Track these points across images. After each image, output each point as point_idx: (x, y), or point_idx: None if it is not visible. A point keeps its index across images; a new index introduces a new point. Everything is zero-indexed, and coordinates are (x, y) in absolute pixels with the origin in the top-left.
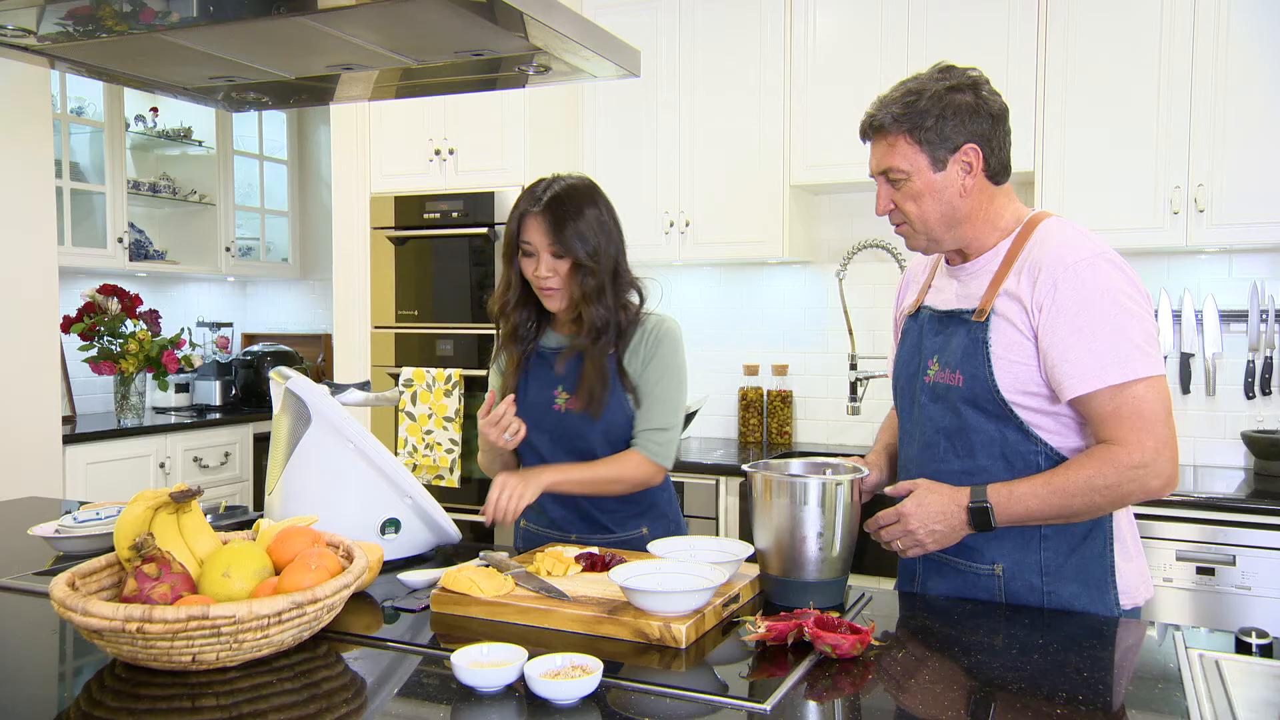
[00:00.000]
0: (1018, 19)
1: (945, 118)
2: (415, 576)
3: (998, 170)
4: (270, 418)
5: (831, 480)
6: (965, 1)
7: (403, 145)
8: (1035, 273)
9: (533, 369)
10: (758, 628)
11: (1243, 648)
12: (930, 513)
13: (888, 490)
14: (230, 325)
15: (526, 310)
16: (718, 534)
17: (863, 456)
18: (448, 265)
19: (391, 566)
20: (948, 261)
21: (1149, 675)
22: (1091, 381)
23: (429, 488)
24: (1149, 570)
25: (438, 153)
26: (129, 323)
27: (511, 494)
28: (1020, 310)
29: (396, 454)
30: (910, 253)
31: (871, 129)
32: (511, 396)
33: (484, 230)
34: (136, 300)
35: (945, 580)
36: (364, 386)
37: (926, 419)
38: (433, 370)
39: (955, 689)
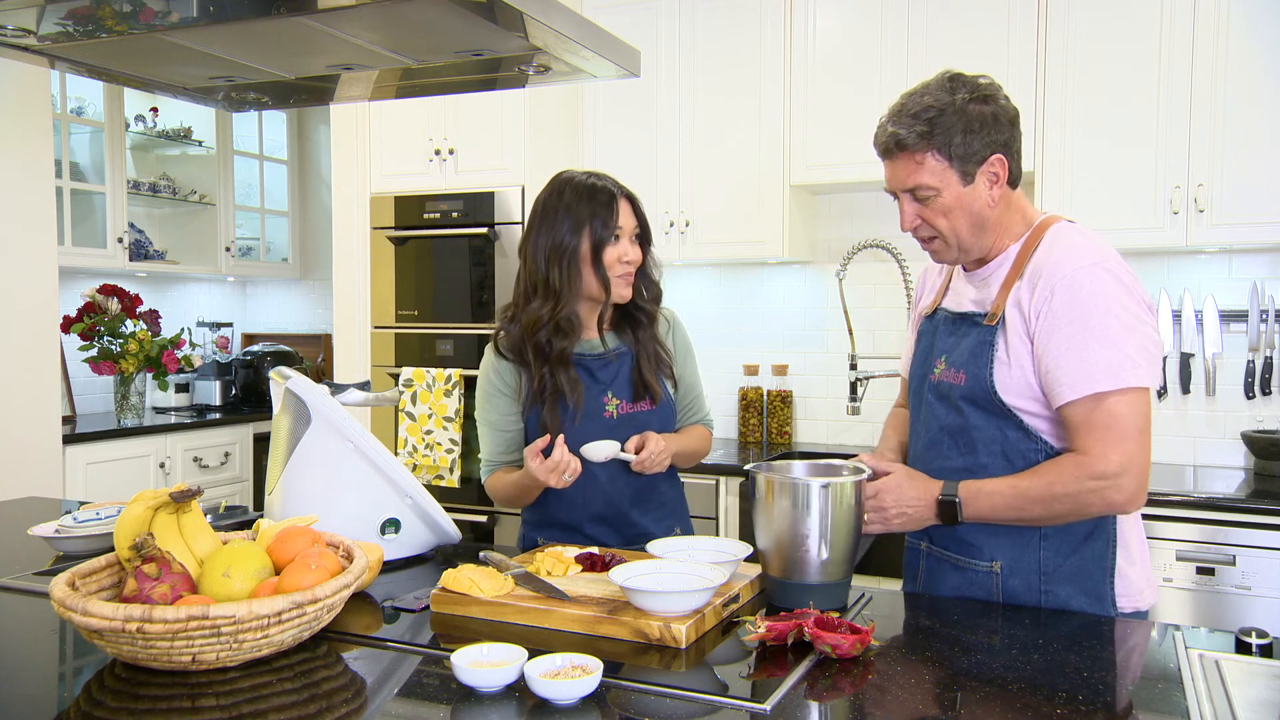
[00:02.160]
0: (1018, 19)
1: (972, 131)
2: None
3: (1016, 176)
4: (270, 418)
5: (835, 483)
6: (966, 2)
7: (403, 145)
8: (1036, 279)
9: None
10: (758, 628)
11: (1243, 648)
12: (905, 496)
13: (866, 460)
14: (230, 325)
15: (575, 319)
16: (718, 534)
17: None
18: (448, 265)
19: (392, 566)
20: (964, 266)
21: (1149, 675)
22: (1079, 388)
23: (429, 488)
24: (1153, 575)
25: (438, 153)
26: (129, 323)
27: (662, 452)
28: (1021, 316)
29: (396, 454)
30: (913, 256)
31: (897, 146)
32: (562, 437)
33: (484, 230)
34: (136, 300)
35: (945, 576)
36: (364, 386)
37: (932, 416)
38: (433, 370)
39: (955, 689)
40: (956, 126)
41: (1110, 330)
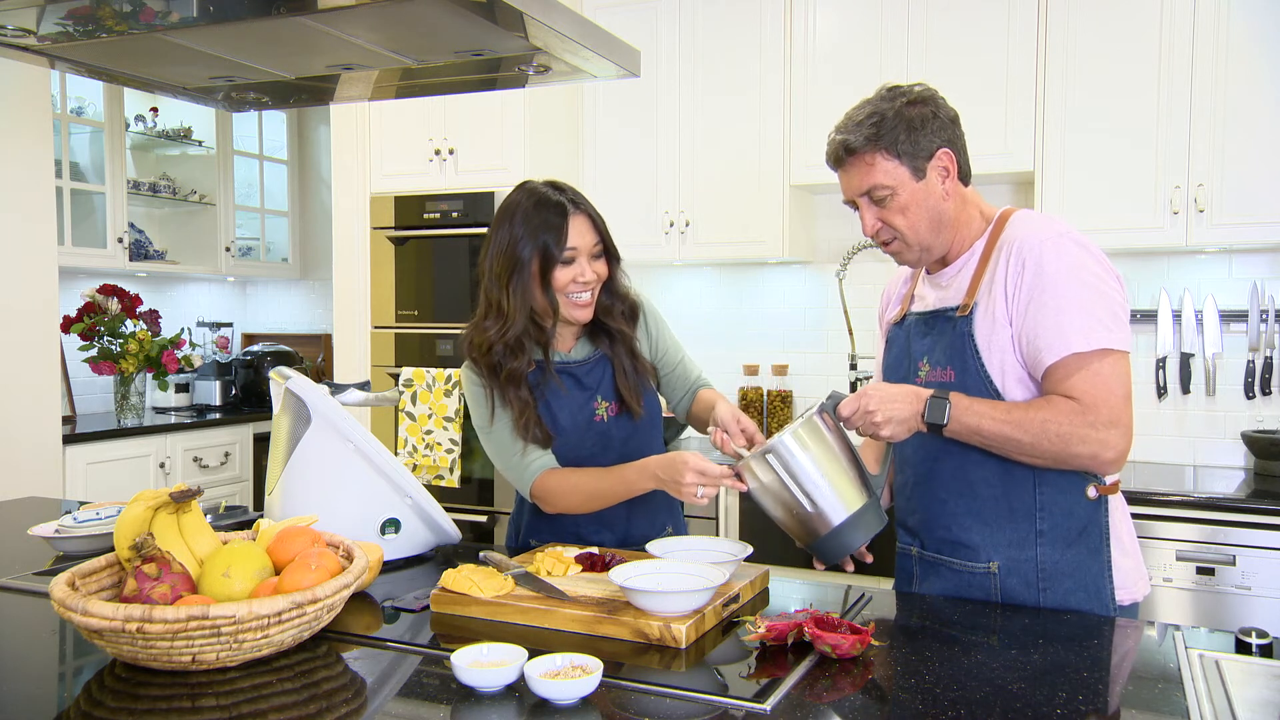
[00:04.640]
0: (1018, 20)
1: (915, 129)
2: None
3: (965, 171)
4: (270, 418)
5: (780, 439)
6: (965, 2)
7: (403, 145)
8: (1008, 255)
9: (552, 392)
10: (758, 628)
11: (1243, 648)
12: (889, 394)
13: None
14: (230, 325)
15: (526, 340)
16: (718, 534)
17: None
18: (448, 265)
19: (392, 566)
20: (927, 270)
21: (1149, 675)
22: (1058, 350)
23: (429, 488)
24: (1145, 567)
25: (438, 153)
26: (129, 323)
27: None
28: (1001, 296)
29: (396, 454)
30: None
31: (846, 152)
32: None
33: (484, 230)
34: (136, 300)
35: (941, 580)
36: (364, 386)
37: None
38: (433, 370)
39: (955, 689)
40: (900, 127)
41: (1080, 296)
